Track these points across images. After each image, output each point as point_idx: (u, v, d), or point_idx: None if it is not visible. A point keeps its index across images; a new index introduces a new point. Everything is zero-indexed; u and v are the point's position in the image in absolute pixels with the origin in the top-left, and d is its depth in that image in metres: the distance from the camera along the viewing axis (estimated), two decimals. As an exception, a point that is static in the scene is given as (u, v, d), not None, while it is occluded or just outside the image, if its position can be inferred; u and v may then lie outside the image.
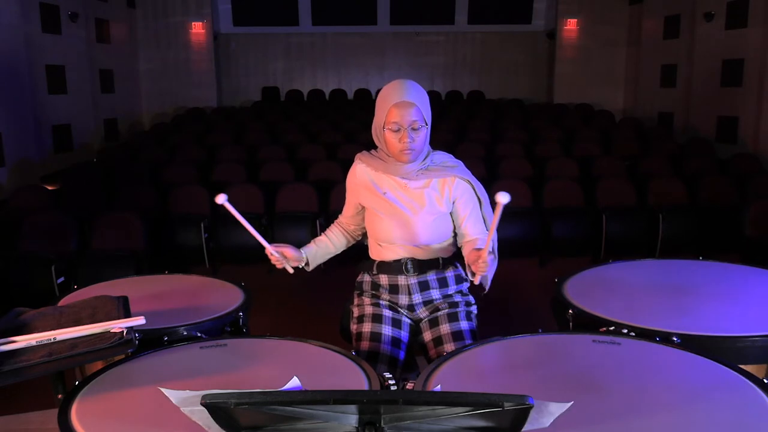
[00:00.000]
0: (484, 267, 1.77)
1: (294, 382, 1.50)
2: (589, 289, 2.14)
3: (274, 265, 2.11)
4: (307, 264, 2.17)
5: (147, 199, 5.57)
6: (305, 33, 11.86)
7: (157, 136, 8.52)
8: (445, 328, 2.02)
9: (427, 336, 2.05)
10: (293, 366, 1.62)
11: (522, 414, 1.00)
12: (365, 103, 11.36)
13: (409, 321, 2.10)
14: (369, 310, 2.09)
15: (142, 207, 5.24)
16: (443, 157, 2.07)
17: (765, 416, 1.29)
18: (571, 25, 11.25)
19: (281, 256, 2.06)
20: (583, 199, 5.71)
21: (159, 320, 1.96)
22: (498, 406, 0.96)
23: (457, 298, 2.10)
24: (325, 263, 2.29)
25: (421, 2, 11.78)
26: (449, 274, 2.10)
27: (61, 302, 2.14)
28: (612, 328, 1.82)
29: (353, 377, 1.57)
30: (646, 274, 2.29)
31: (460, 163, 2.08)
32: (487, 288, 2.02)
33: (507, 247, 5.54)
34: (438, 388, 1.47)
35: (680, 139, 8.65)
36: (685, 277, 2.24)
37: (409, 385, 1.54)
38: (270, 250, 2.04)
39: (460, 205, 2.04)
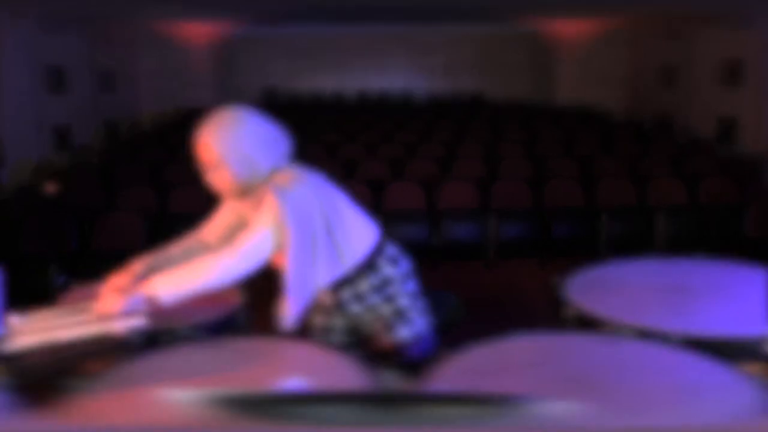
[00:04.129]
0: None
1: (294, 382, 1.50)
2: (589, 289, 2.14)
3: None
4: None
5: (147, 199, 5.57)
6: (306, 33, 11.86)
7: (157, 137, 8.51)
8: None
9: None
10: (293, 366, 1.62)
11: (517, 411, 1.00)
12: (365, 103, 11.36)
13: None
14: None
15: (142, 207, 5.24)
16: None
17: (764, 416, 1.29)
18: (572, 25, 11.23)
19: None
20: (583, 199, 5.71)
21: (159, 320, 1.96)
22: (497, 406, 0.96)
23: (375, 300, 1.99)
24: None
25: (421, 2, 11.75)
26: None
27: (62, 302, 2.14)
28: (612, 328, 1.82)
29: (353, 377, 1.57)
30: (646, 274, 2.29)
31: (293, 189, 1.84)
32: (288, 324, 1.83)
33: (507, 248, 5.53)
34: (438, 388, 1.47)
35: (680, 139, 8.65)
36: (685, 277, 2.24)
37: (409, 385, 1.55)
38: None
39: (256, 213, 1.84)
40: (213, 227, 2.09)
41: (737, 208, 5.18)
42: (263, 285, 2.18)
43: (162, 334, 1.90)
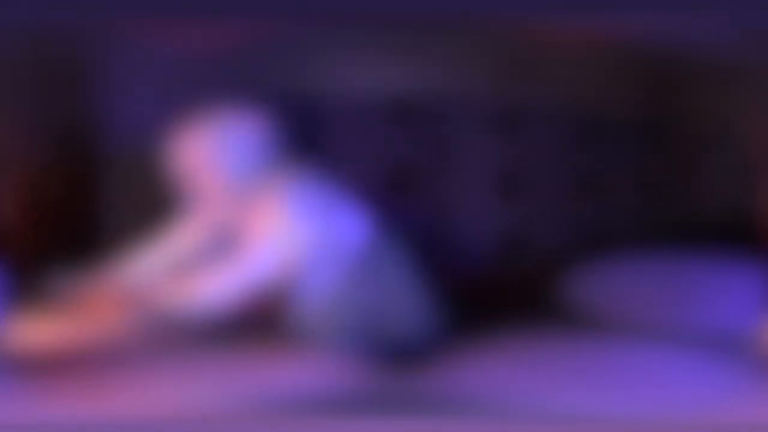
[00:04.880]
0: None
1: (295, 381, 1.51)
2: (591, 288, 2.15)
3: None
4: None
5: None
6: (322, 34, 11.79)
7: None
8: None
9: None
10: (293, 366, 1.63)
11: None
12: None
13: None
14: None
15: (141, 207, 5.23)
16: None
17: (765, 415, 1.29)
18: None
19: None
20: (584, 199, 5.69)
21: (160, 320, 1.96)
22: (495, 402, 0.97)
23: None
24: None
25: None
26: None
27: (63, 303, 2.14)
28: (613, 327, 1.82)
29: (351, 374, 1.57)
30: (647, 274, 2.30)
31: None
32: None
33: (507, 247, 5.52)
34: (437, 384, 1.47)
35: (683, 139, 8.63)
36: (684, 276, 2.24)
37: (408, 381, 1.55)
38: None
39: None
40: (193, 233, 2.03)
41: (741, 207, 5.15)
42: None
43: (164, 334, 1.90)
